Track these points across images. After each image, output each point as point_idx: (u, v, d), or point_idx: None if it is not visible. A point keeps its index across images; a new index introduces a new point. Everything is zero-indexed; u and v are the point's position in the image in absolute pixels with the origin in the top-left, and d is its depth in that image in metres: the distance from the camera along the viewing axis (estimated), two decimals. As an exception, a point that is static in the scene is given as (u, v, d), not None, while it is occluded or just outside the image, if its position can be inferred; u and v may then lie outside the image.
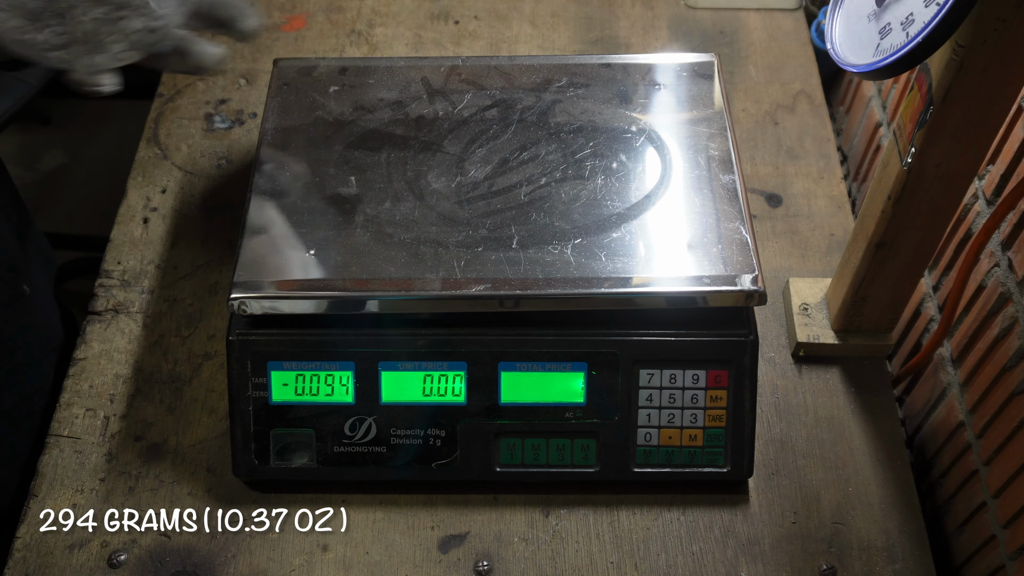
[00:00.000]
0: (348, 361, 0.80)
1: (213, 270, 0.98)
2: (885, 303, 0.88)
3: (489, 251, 0.79)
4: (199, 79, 1.16)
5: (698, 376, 0.80)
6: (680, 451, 0.81)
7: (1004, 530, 0.81)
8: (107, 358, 0.93)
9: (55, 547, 0.81)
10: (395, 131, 0.89)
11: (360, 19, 1.23)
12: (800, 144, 1.10)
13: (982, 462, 0.85)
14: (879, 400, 0.91)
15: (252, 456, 0.81)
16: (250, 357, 0.80)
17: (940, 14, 0.58)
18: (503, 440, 0.81)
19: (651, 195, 0.83)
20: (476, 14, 1.24)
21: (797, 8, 1.24)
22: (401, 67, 0.94)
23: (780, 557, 0.81)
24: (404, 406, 0.81)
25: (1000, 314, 0.83)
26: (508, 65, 0.95)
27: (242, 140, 1.10)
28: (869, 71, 0.64)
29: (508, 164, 0.86)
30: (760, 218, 1.04)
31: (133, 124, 1.31)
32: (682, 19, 1.23)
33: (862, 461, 0.87)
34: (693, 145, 0.87)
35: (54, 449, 0.87)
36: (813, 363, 0.93)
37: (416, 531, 0.83)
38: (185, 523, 0.83)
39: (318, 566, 0.81)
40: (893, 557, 0.82)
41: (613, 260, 0.78)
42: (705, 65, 0.95)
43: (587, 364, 0.80)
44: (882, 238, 0.80)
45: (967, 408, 0.88)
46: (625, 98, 0.92)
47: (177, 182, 1.06)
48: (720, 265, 0.78)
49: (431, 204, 0.83)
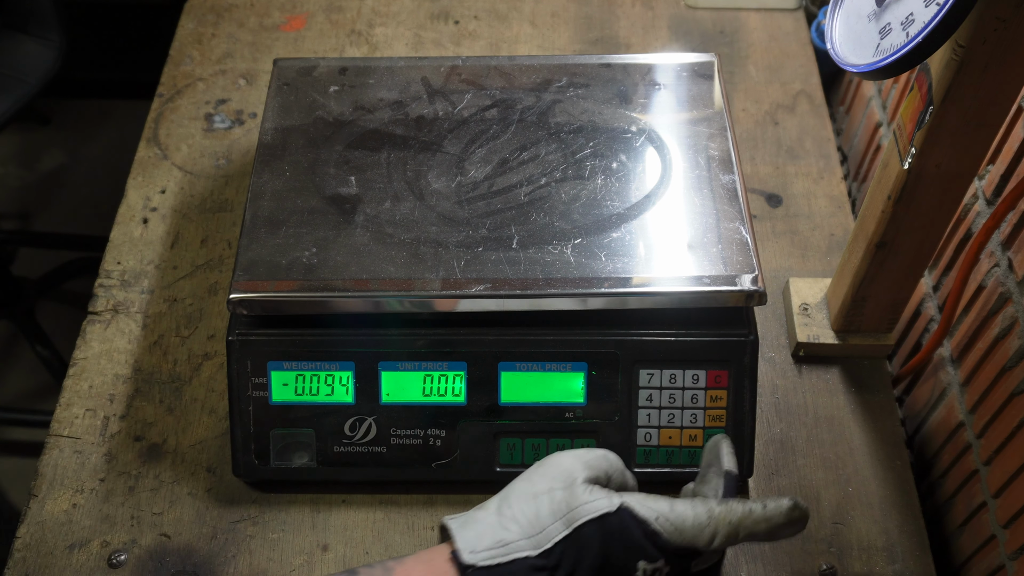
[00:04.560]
0: (348, 361, 0.80)
1: (213, 270, 0.98)
2: (885, 303, 0.88)
3: (489, 251, 0.79)
4: (199, 79, 1.16)
5: (698, 376, 0.80)
6: (680, 451, 0.81)
7: (1004, 530, 0.81)
8: (107, 358, 0.93)
9: (55, 547, 0.81)
10: (395, 131, 0.89)
11: (360, 19, 1.23)
12: (800, 144, 1.10)
13: (982, 462, 0.85)
14: (879, 400, 0.91)
15: (252, 456, 0.81)
16: (250, 357, 0.80)
17: (940, 14, 0.58)
18: (503, 440, 0.81)
19: (651, 195, 0.83)
20: (476, 14, 1.24)
21: (797, 8, 1.24)
22: (401, 67, 0.94)
23: (780, 557, 0.81)
24: (404, 406, 0.81)
25: (1000, 314, 0.83)
26: (508, 65, 0.95)
27: (242, 140, 1.10)
28: (869, 71, 0.64)
29: (508, 164, 0.86)
30: (760, 218, 1.04)
31: (133, 124, 1.31)
32: (682, 19, 1.23)
33: (862, 461, 0.87)
34: (693, 145, 0.87)
35: (54, 449, 0.87)
36: (813, 363, 0.93)
37: (416, 531, 0.83)
38: (185, 523, 0.83)
39: (318, 566, 0.81)
40: (893, 557, 0.82)
41: (613, 260, 0.78)
42: (705, 65, 0.95)
43: (587, 364, 0.80)
44: (882, 238, 0.80)
45: (967, 408, 0.88)
46: (625, 98, 0.92)
47: (177, 182, 1.06)
48: (720, 265, 0.78)
49: (431, 204, 0.83)
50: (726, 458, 0.73)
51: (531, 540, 0.66)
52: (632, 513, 0.67)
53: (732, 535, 0.67)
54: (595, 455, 0.72)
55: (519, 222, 0.81)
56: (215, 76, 1.16)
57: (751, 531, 0.68)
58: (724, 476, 0.72)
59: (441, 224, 0.81)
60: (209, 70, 1.17)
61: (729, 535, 0.67)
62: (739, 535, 0.67)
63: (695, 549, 0.67)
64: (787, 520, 0.68)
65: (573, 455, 0.71)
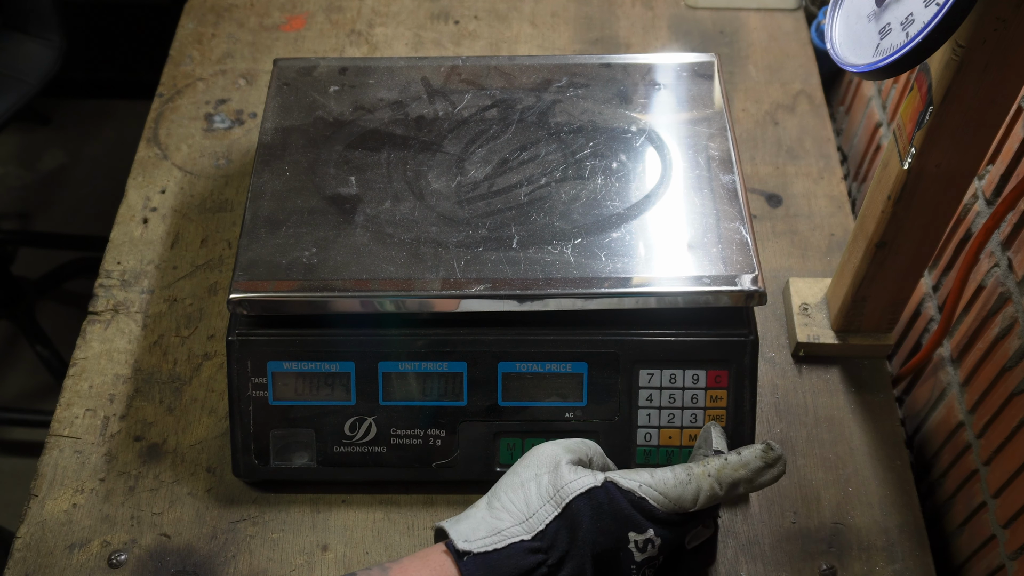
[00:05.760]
0: (348, 361, 0.80)
1: (213, 270, 0.98)
2: (885, 303, 0.88)
3: (489, 251, 0.79)
4: (199, 79, 1.16)
5: (698, 376, 0.80)
6: (680, 451, 0.81)
7: (1004, 530, 0.81)
8: (107, 358, 0.93)
9: (55, 547, 0.81)
10: (395, 131, 0.89)
11: (360, 19, 1.23)
12: (800, 144, 1.10)
13: (982, 462, 0.85)
14: (879, 400, 0.91)
15: (252, 456, 0.81)
16: (250, 357, 0.80)
17: (940, 14, 0.58)
18: (503, 440, 0.81)
19: (651, 195, 0.83)
20: (476, 14, 1.24)
21: (797, 8, 1.24)
22: (401, 67, 0.94)
23: (780, 557, 0.81)
24: (404, 406, 0.81)
25: (1000, 314, 0.83)
26: (508, 65, 0.95)
27: (242, 140, 1.10)
28: (869, 71, 0.64)
29: (508, 164, 0.86)
30: (760, 218, 1.04)
31: (133, 124, 1.31)
32: (682, 19, 1.23)
33: (862, 461, 0.87)
34: (693, 145, 0.87)
35: (54, 449, 0.87)
36: (813, 363, 0.93)
37: (416, 531, 0.83)
38: (185, 523, 0.83)
39: (318, 566, 0.81)
40: (893, 557, 0.82)
41: (613, 260, 0.78)
42: (705, 65, 0.95)
43: (587, 364, 0.80)
44: (882, 238, 0.80)
45: (967, 408, 0.88)
46: (625, 98, 0.92)
47: (177, 182, 1.06)
48: (720, 265, 0.78)
49: (431, 204, 0.83)
50: (716, 440, 0.75)
51: (523, 525, 0.67)
52: (617, 485, 0.68)
53: (714, 488, 0.69)
54: (575, 441, 0.74)
55: (519, 222, 0.81)
56: (215, 76, 1.16)
57: (732, 479, 0.69)
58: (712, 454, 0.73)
59: (441, 224, 0.81)
60: (209, 70, 1.17)
61: (712, 489, 0.69)
62: (722, 487, 0.69)
63: (683, 512, 0.69)
64: (763, 462, 0.69)
65: (554, 443, 0.73)
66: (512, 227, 0.81)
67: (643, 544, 0.68)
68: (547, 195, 0.83)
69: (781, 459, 0.70)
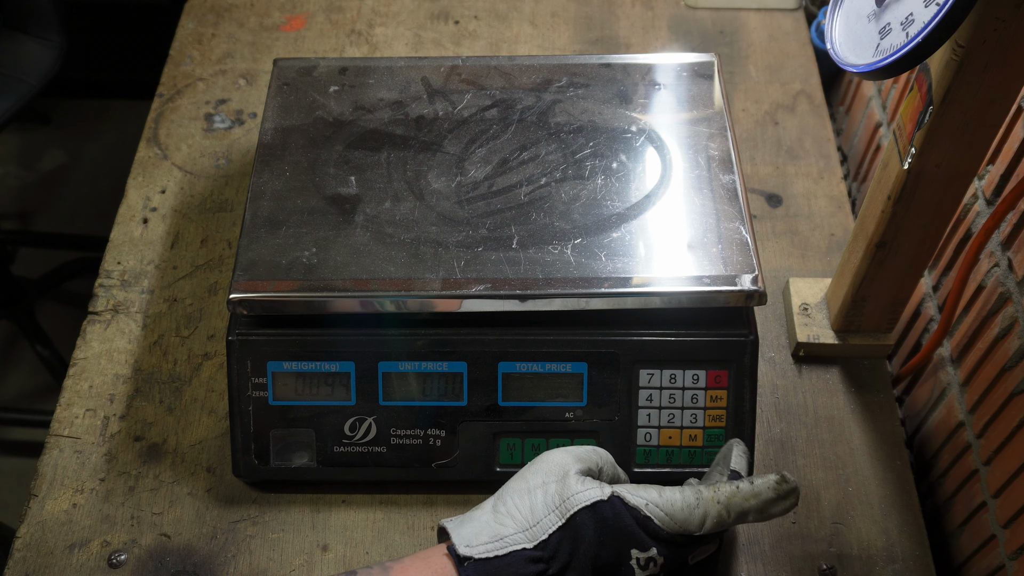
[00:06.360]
0: (348, 361, 0.80)
1: (213, 270, 0.98)
2: (885, 303, 0.88)
3: (489, 251, 0.79)
4: (199, 79, 1.16)
5: (698, 376, 0.80)
6: (680, 451, 0.81)
7: (1004, 530, 0.81)
8: (107, 358, 0.93)
9: (55, 547, 0.81)
10: (395, 131, 0.89)
11: (360, 19, 1.23)
12: (800, 144, 1.10)
13: (982, 462, 0.85)
14: (879, 400, 0.91)
15: (252, 456, 0.81)
16: (250, 357, 0.80)
17: (940, 14, 0.58)
18: (503, 440, 0.81)
19: (651, 195, 0.83)
20: (476, 14, 1.24)
21: (797, 8, 1.24)
22: (401, 67, 0.94)
23: (780, 557, 0.81)
24: (404, 406, 0.81)
25: (1000, 314, 0.83)
26: (508, 65, 0.95)
27: (242, 140, 1.10)
28: (869, 71, 0.64)
29: (508, 164, 0.86)
30: (760, 218, 1.04)
31: (133, 124, 1.31)
32: (682, 19, 1.23)
33: (862, 461, 0.87)
34: (693, 145, 0.87)
35: (54, 449, 0.87)
36: (813, 363, 0.93)
37: (416, 531, 0.83)
38: (185, 523, 0.83)
39: (318, 566, 0.81)
40: (893, 557, 0.82)
41: (613, 260, 0.78)
42: (705, 65, 0.95)
43: (587, 364, 0.80)
44: (882, 238, 0.80)
45: (967, 408, 0.88)
46: (625, 98, 0.92)
47: (177, 182, 1.06)
48: (720, 265, 0.78)
49: (431, 204, 0.83)
50: (735, 458, 0.73)
51: (527, 533, 0.67)
52: (623, 500, 0.67)
53: (722, 515, 0.68)
54: (586, 449, 0.73)
55: (519, 222, 0.81)
56: (215, 76, 1.16)
57: (742, 509, 0.68)
58: (729, 475, 0.72)
59: (441, 224, 0.81)
60: (209, 70, 1.17)
61: (720, 516, 0.67)
62: (730, 515, 0.68)
63: (688, 535, 0.68)
64: (776, 494, 0.68)
65: (564, 450, 0.72)
66: (512, 227, 0.81)
67: (645, 562, 0.67)
68: (547, 195, 0.83)
69: (795, 491, 0.68)
